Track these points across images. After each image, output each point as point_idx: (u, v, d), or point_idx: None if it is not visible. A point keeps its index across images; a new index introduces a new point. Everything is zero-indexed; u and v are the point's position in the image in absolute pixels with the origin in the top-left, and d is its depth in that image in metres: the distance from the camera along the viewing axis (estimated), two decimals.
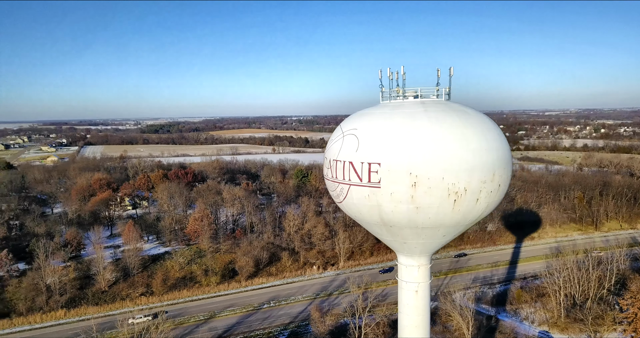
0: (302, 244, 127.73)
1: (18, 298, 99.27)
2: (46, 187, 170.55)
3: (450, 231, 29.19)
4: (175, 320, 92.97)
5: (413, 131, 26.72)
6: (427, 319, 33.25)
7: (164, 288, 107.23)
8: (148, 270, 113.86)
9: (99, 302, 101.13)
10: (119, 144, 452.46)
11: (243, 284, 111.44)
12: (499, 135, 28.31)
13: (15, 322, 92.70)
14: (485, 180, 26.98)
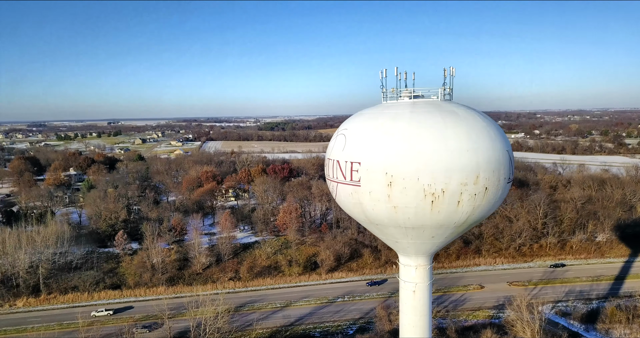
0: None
1: (129, 274, 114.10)
2: (164, 177, 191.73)
3: (439, 232, 28.70)
4: (254, 305, 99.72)
5: (392, 131, 27.00)
6: (426, 320, 32.87)
7: (250, 275, 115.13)
8: (238, 257, 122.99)
9: (192, 282, 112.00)
10: (236, 140, 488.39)
11: (323, 277, 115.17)
12: (490, 137, 27.16)
13: (125, 293, 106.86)
14: (467, 183, 26.25)
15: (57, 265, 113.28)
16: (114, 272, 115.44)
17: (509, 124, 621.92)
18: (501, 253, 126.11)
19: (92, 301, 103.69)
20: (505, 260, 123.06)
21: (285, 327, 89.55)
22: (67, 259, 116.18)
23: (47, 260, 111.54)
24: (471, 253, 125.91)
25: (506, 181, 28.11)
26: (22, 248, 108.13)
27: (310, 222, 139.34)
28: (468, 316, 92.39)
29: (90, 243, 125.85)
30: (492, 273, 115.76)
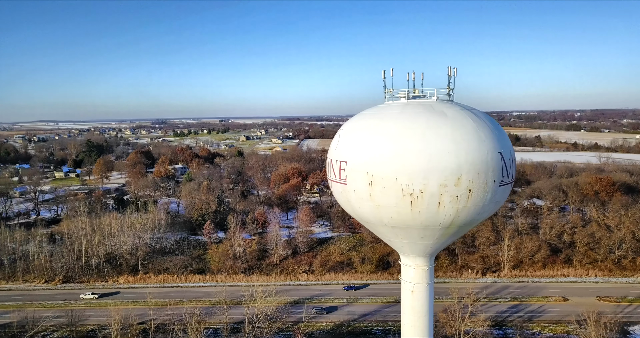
0: (463, 246, 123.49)
1: (213, 261, 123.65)
2: (256, 172, 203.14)
3: (427, 233, 28.32)
4: (322, 298, 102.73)
5: (376, 131, 27.42)
6: (425, 321, 32.39)
7: (324, 269, 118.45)
8: (314, 251, 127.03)
9: (269, 272, 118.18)
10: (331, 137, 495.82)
11: (394, 276, 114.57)
12: (478, 138, 26.29)
13: (208, 278, 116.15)
14: (447, 184, 25.79)
15: (154, 248, 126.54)
16: (201, 258, 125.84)
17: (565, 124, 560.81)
18: (595, 265, 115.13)
19: (180, 283, 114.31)
20: (600, 273, 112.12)
21: (347, 322, 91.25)
22: (162, 244, 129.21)
23: (145, 243, 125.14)
24: (559, 263, 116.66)
25: (498, 184, 27.10)
26: (124, 232, 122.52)
27: None
28: (543, 329, 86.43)
29: (183, 230, 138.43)
30: (580, 285, 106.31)
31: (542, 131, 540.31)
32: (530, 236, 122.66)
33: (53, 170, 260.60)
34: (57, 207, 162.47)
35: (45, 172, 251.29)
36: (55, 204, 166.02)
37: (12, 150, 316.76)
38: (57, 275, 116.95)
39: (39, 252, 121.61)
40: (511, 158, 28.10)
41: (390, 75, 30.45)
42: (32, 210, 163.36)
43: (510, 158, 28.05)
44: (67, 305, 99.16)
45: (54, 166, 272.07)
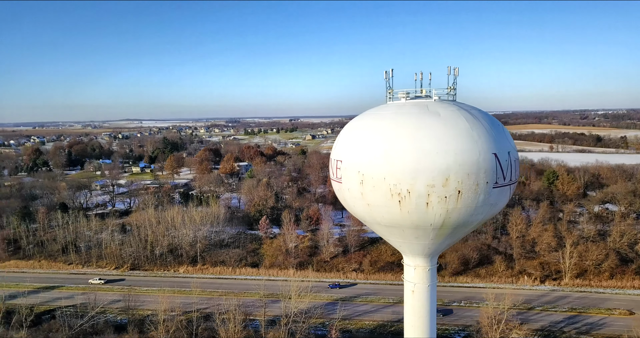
0: (522, 251, 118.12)
1: (267, 255, 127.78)
2: (315, 170, 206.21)
3: (420, 233, 28.13)
4: (367, 297, 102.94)
5: (369, 131, 27.90)
6: (426, 321, 31.98)
7: (373, 269, 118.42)
8: (364, 250, 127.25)
9: (319, 269, 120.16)
10: None
11: (446, 279, 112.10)
12: (471, 138, 25.79)
13: (261, 272, 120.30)
14: (434, 185, 25.65)
15: (212, 241, 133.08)
16: (256, 252, 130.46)
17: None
18: None
19: (234, 275, 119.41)
20: None
21: (391, 322, 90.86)
22: (221, 237, 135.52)
23: (205, 236, 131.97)
24: (629, 274, 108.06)
25: (492, 185, 26.56)
26: (185, 225, 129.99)
27: None
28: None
29: (241, 225, 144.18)
30: None
31: (629, 131, 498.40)
32: (596, 243, 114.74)
33: (131, 165, 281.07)
34: (130, 199, 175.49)
35: (124, 167, 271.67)
36: (129, 197, 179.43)
37: (97, 146, 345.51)
38: (126, 263, 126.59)
39: (111, 240, 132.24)
40: (509, 160, 27.38)
41: (391, 76, 30.76)
42: (109, 202, 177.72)
43: (508, 159, 27.35)
44: (132, 290, 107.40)
45: (132, 162, 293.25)
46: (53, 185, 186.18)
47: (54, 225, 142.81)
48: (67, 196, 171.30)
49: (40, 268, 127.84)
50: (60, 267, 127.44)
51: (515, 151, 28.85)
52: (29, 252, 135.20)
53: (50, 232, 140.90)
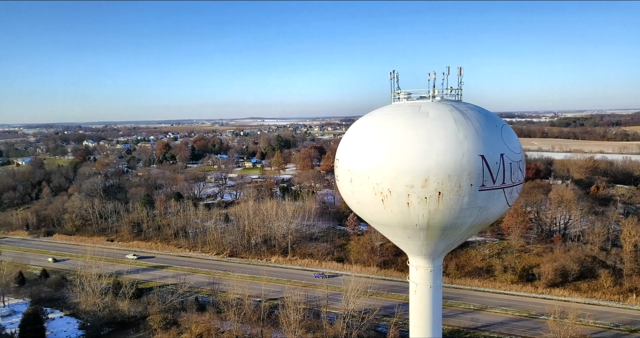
0: (635, 266, 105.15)
1: (353, 251, 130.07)
2: None
3: (410, 233, 27.86)
4: (447, 301, 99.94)
5: (361, 131, 28.73)
6: (428, 323, 31.24)
7: (460, 273, 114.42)
8: (453, 253, 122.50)
9: (403, 269, 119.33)
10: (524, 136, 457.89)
11: (539, 291, 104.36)
12: (456, 140, 25.07)
13: (344, 266, 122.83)
14: (413, 185, 25.54)
15: (303, 234, 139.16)
16: (343, 247, 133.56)
17: None
18: None
19: (320, 268, 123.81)
20: None
21: (467, 329, 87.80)
22: (311, 231, 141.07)
23: (297, 229, 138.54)
24: None
25: (477, 188, 25.80)
26: (278, 218, 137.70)
27: (540, 230, 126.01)
28: None
29: (332, 220, 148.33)
30: None
31: None
32: None
33: (245, 160, 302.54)
34: (236, 192, 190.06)
35: (238, 162, 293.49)
36: (235, 190, 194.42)
37: (217, 142, 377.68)
38: (226, 250, 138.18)
39: (214, 228, 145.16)
40: (500, 162, 26.44)
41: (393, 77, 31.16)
42: (218, 194, 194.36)
43: (500, 162, 26.43)
44: (226, 275, 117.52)
45: (246, 157, 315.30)
46: (173, 176, 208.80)
47: (169, 212, 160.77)
48: (184, 187, 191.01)
49: (156, 249, 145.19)
50: (171, 249, 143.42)
51: (515, 153, 27.63)
52: (148, 235, 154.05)
53: (166, 218, 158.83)
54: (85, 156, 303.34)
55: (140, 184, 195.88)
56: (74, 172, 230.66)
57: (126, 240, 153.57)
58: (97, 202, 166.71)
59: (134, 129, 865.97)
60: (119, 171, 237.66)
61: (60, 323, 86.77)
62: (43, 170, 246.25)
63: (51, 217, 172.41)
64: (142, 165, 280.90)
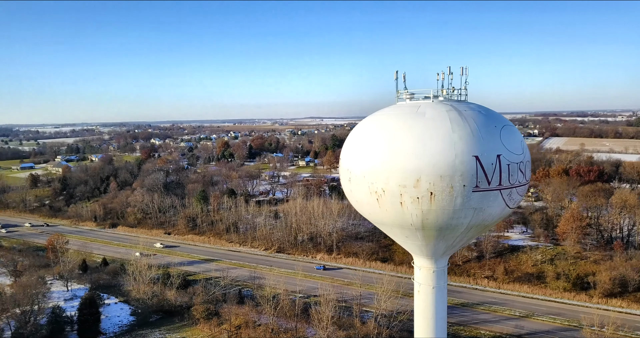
0: None
1: (399, 251, 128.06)
2: None
3: (406, 233, 27.83)
4: (491, 307, 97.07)
5: (361, 131, 29.14)
6: (430, 323, 30.78)
7: (508, 278, 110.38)
8: (502, 257, 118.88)
9: (449, 272, 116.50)
10: (586, 136, 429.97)
11: (594, 300, 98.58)
12: (450, 141, 24.79)
13: (389, 267, 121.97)
14: (406, 185, 25.63)
15: (348, 233, 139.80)
16: (389, 247, 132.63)
17: None
18: None
19: (364, 267, 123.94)
20: None
21: (510, 335, 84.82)
22: (357, 230, 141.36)
23: (342, 228, 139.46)
24: None
25: (471, 189, 25.49)
26: (324, 216, 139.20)
27: (599, 236, 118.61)
28: None
29: None
30: None
31: None
32: None
33: (299, 159, 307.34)
34: (287, 190, 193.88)
35: (292, 161, 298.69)
36: (286, 187, 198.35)
37: (274, 141, 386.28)
38: (274, 246, 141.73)
39: (264, 225, 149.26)
40: (496, 163, 26.06)
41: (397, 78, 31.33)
42: (270, 191, 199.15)
43: (496, 163, 26.06)
44: (271, 270, 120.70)
45: (301, 156, 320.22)
46: (229, 173, 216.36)
47: (222, 208, 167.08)
48: (238, 184, 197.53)
49: (208, 243, 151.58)
50: (222, 243, 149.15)
51: (515, 154, 27.07)
52: (202, 229, 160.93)
53: (219, 214, 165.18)
54: (150, 153, 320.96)
55: (198, 180, 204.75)
56: (139, 168, 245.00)
57: (182, 234, 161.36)
58: (156, 196, 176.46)
59: (198, 128, 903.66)
60: (179, 168, 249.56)
61: (114, 308, 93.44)
62: (112, 166, 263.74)
63: (116, 210, 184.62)
64: (202, 163, 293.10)
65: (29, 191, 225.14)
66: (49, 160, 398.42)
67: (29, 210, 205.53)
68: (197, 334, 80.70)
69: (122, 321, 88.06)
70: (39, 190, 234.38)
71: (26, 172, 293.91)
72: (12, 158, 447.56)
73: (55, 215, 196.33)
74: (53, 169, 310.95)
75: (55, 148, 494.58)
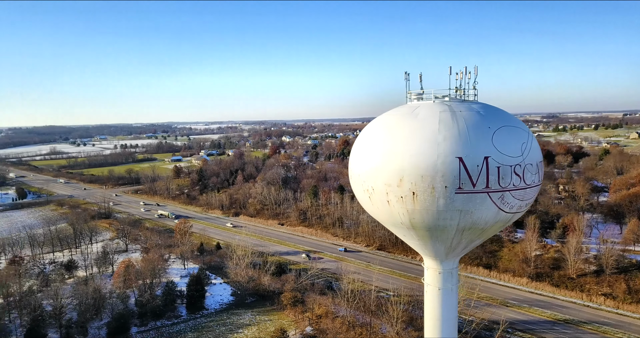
0: None
1: (505, 258, 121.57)
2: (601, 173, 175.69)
3: (401, 233, 27.72)
4: (600, 327, 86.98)
5: (364, 131, 30.09)
6: (436, 324, 29.65)
7: (631, 298, 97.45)
8: (627, 274, 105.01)
9: (559, 284, 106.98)
10: None
11: None
12: (435, 141, 24.49)
13: (491, 273, 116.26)
14: (391, 184, 25.98)
15: None
16: (494, 253, 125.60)
17: None
18: None
19: (465, 272, 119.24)
20: None
21: None
22: None
23: None
24: None
25: (453, 190, 25.04)
26: None
27: None
28: None
29: None
30: None
31: None
32: None
33: None
34: None
35: None
36: None
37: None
38: (375, 243, 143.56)
39: (367, 222, 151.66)
40: (482, 165, 25.40)
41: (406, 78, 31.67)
42: None
43: (482, 165, 25.42)
44: (368, 266, 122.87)
45: None
46: (342, 170, 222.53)
47: (330, 203, 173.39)
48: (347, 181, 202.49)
49: (315, 235, 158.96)
50: (327, 237, 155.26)
51: (509, 157, 25.91)
52: (311, 222, 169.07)
53: (328, 208, 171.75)
54: (277, 149, 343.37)
55: (313, 176, 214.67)
56: (263, 163, 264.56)
57: (293, 225, 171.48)
58: (273, 190, 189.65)
59: (328, 126, 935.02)
60: (300, 164, 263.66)
61: (218, 288, 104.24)
62: (242, 160, 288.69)
63: (240, 201, 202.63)
64: (323, 160, 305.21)
65: (172, 180, 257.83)
66: (194, 153, 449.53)
67: (172, 197, 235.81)
68: (283, 318, 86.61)
69: (223, 300, 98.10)
70: (180, 180, 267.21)
71: (175, 164, 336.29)
72: (167, 151, 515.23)
73: (191, 202, 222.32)
74: (195, 161, 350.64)
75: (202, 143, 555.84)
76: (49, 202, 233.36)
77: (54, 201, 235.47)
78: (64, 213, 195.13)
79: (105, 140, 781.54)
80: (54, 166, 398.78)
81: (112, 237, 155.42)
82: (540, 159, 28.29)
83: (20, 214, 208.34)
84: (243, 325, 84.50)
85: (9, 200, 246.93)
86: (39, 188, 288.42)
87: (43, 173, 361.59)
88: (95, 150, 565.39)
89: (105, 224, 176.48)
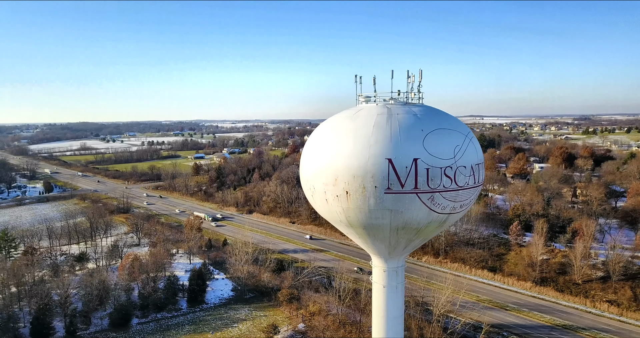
0: None
1: (510, 262, 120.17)
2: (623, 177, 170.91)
3: (346, 231, 29.12)
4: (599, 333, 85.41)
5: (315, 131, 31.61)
6: (382, 322, 30.63)
7: (636, 306, 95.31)
8: (635, 281, 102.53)
9: (563, 289, 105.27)
10: None
11: None
12: (367, 144, 25.65)
13: (496, 277, 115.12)
14: (327, 183, 27.17)
15: (460, 238, 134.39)
16: (500, 257, 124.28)
17: None
18: None
19: (469, 274, 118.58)
20: None
21: None
22: (470, 235, 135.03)
23: (454, 232, 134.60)
24: None
25: (382, 190, 25.93)
26: None
27: None
28: None
29: (496, 227, 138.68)
30: None
31: None
32: None
33: None
34: None
35: None
36: None
37: None
38: None
39: None
40: (411, 167, 26.24)
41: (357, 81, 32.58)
42: None
43: (411, 167, 26.26)
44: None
45: None
46: None
47: None
48: None
49: (324, 234, 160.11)
50: (336, 236, 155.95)
51: (439, 159, 26.67)
52: (321, 221, 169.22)
53: None
54: (296, 148, 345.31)
55: None
56: (280, 161, 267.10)
57: (304, 224, 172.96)
58: (286, 188, 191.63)
59: None
60: None
61: (220, 283, 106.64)
62: (260, 158, 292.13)
63: (254, 198, 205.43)
64: None
65: (191, 177, 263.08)
66: (217, 151, 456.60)
67: (190, 194, 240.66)
68: (278, 315, 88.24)
69: (223, 295, 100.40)
70: (199, 177, 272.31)
71: (195, 162, 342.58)
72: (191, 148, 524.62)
73: (208, 199, 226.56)
74: (216, 159, 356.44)
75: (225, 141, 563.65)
76: (73, 196, 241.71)
77: (77, 195, 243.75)
78: (86, 207, 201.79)
79: (133, 137, 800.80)
80: (82, 161, 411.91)
81: (127, 231, 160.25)
82: (477, 162, 28.81)
83: (44, 207, 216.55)
84: (239, 319, 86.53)
85: (36, 194, 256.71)
86: (65, 182, 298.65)
87: (71, 168, 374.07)
88: (123, 146, 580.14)
89: (122, 218, 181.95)
